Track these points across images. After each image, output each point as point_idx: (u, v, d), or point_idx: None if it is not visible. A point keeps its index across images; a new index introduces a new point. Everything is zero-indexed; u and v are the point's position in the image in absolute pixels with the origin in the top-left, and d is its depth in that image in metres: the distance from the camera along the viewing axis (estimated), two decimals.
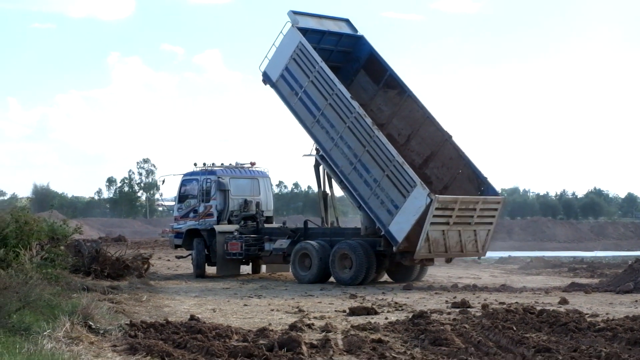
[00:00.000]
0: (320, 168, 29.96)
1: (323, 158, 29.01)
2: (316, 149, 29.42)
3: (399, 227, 26.54)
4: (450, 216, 26.62)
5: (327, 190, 30.34)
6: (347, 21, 31.57)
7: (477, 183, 28.29)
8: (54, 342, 13.17)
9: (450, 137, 29.29)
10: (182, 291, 25.33)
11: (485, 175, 28.43)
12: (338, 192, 30.22)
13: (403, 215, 26.46)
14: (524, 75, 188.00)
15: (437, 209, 26.01)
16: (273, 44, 29.80)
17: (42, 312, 15.41)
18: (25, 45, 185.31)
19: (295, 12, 29.58)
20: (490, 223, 27.88)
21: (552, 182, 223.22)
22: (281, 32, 29.59)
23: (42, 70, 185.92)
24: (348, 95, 28.12)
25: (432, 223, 26.07)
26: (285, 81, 29.43)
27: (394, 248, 26.74)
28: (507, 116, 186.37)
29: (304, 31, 29.47)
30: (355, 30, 31.36)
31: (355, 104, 27.93)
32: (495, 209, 27.96)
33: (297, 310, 20.24)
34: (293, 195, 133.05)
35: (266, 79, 30.03)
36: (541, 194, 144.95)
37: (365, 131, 27.56)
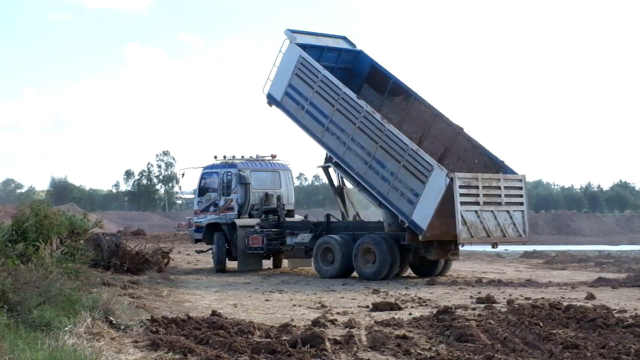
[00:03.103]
0: (330, 170, 30.01)
1: (337, 165, 28.98)
2: (329, 157, 29.33)
3: (422, 214, 26.35)
4: (478, 195, 26.51)
5: (341, 184, 30.30)
6: (344, 38, 32.03)
7: (495, 168, 28.30)
8: (75, 337, 13.03)
9: (461, 129, 29.47)
10: (202, 286, 25.22)
11: (501, 159, 28.46)
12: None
13: (425, 202, 26.32)
14: (548, 66, 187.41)
15: (460, 187, 25.95)
16: (274, 64, 30.15)
17: (63, 307, 15.28)
18: (43, 36, 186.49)
19: (292, 31, 29.93)
20: (522, 203, 27.77)
21: (577, 174, 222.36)
22: (280, 51, 29.93)
23: (59, 60, 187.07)
24: (354, 96, 28.27)
25: (462, 203, 25.97)
26: (290, 97, 29.60)
27: (420, 237, 26.47)
28: (531, 108, 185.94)
29: (303, 47, 29.75)
30: (353, 45, 31.75)
31: (362, 102, 28.07)
32: (521, 188, 27.89)
33: (319, 305, 20.10)
34: (314, 188, 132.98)
35: (271, 100, 30.25)
36: (566, 186, 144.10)
37: (375, 127, 27.58)
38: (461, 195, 25.98)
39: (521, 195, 27.85)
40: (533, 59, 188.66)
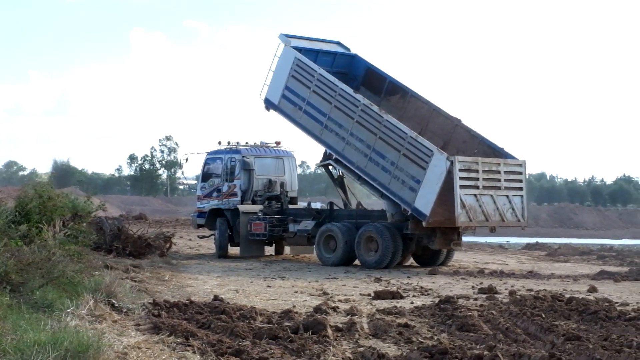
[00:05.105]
0: (330, 167, 30.10)
1: (337, 161, 29.00)
2: (328, 154, 29.36)
3: (425, 200, 26.34)
4: (477, 179, 26.60)
5: (341, 175, 30.32)
6: (338, 43, 32.22)
7: (495, 155, 28.33)
8: (77, 319, 13.04)
9: (459, 121, 29.64)
10: (204, 271, 25.20)
11: (500, 146, 28.55)
12: None
13: (426, 187, 26.33)
14: (552, 59, 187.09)
15: (460, 170, 26.04)
16: (269, 69, 30.19)
17: (65, 289, 15.26)
18: (48, 19, 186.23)
19: (287, 35, 30.10)
20: (521, 189, 27.86)
21: (580, 168, 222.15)
22: (275, 55, 30.01)
23: (64, 44, 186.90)
24: (350, 90, 28.40)
25: (461, 186, 26.05)
26: (287, 100, 29.72)
27: (424, 223, 26.39)
28: (535, 101, 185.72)
29: (298, 50, 29.85)
30: (347, 49, 31.91)
31: (359, 96, 28.19)
32: (520, 173, 28.00)
33: (321, 292, 20.07)
34: (316, 175, 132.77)
35: (268, 104, 30.35)
36: (569, 179, 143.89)
37: (373, 119, 27.65)
38: (461, 179, 26.06)
39: (521, 181, 27.93)
40: (535, 52, 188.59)
